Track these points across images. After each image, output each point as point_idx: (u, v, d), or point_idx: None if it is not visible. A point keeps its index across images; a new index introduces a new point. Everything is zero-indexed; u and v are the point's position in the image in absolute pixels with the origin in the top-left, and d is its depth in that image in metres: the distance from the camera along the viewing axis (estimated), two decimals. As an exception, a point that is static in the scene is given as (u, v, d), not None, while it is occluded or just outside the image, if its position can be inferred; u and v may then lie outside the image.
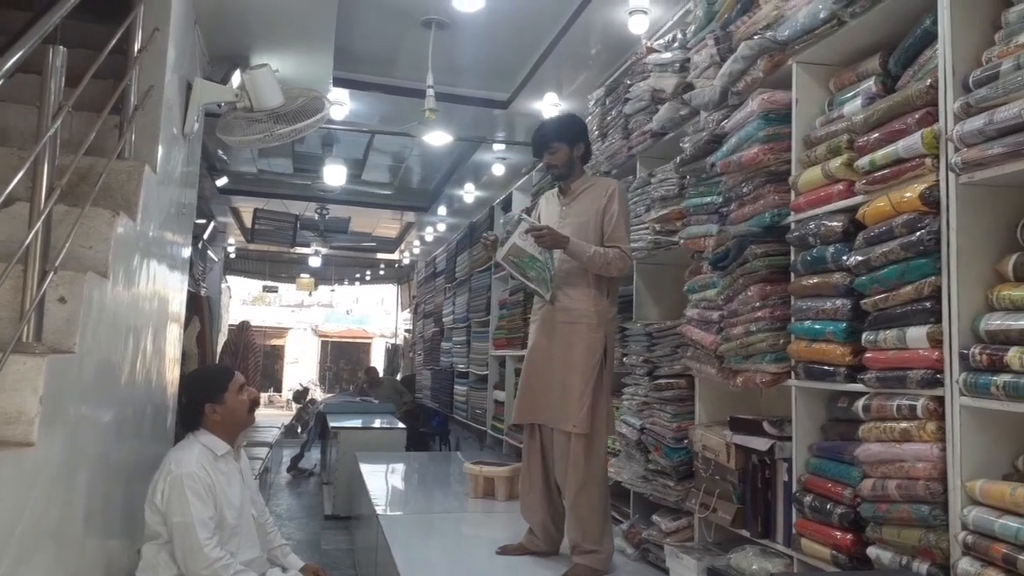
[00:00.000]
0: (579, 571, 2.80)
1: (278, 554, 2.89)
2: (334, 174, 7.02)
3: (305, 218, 9.67)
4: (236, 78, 3.70)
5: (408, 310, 14.07)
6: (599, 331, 2.93)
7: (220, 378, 2.74)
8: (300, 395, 13.75)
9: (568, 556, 2.95)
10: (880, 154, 1.97)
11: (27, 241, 1.89)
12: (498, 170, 6.74)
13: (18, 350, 1.83)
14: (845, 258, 2.06)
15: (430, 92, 4.24)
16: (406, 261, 13.76)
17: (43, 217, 1.94)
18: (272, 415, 14.83)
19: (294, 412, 12.41)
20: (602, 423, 2.92)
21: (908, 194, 1.87)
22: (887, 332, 1.92)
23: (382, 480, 5.17)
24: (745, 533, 2.51)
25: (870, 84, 2.14)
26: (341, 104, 5.12)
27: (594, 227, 2.99)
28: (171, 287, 3.36)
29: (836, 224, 2.12)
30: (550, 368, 2.97)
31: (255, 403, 2.82)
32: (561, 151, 3.07)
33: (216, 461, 2.61)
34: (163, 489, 2.48)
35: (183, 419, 2.75)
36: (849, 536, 2.01)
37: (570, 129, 3.12)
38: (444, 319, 8.44)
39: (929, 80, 1.86)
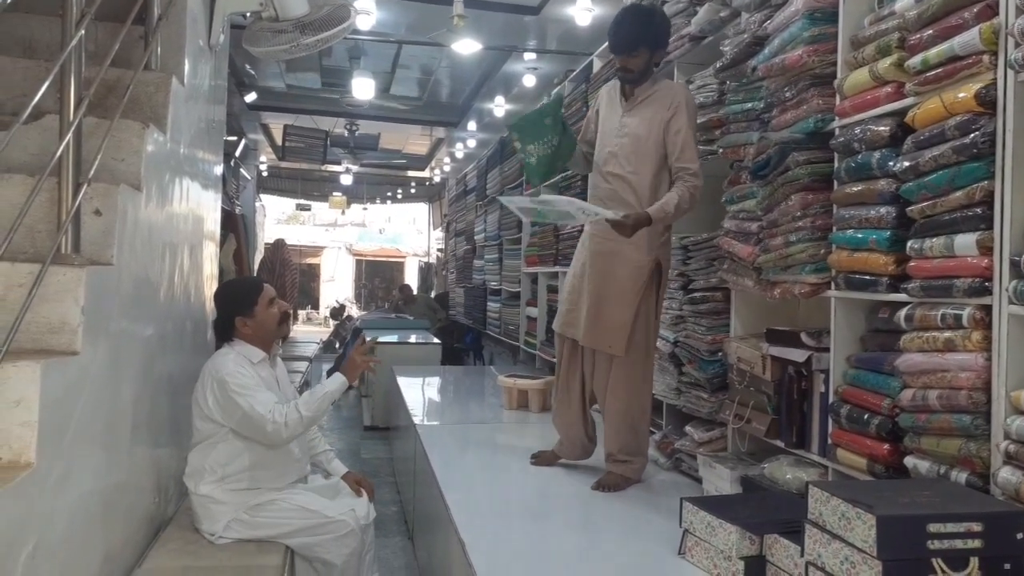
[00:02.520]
0: (611, 479, 2.84)
1: (322, 460, 2.98)
2: (362, 87, 6.92)
3: (335, 135, 9.62)
4: (261, -14, 3.60)
5: (440, 228, 14.08)
6: (648, 255, 2.79)
7: (250, 291, 2.77)
8: (337, 312, 14.02)
9: (598, 463, 3.00)
10: (933, 52, 1.86)
11: (59, 153, 1.89)
12: (529, 81, 6.59)
13: (58, 261, 1.86)
14: (892, 164, 1.98)
15: (458, -2, 4.11)
16: (436, 179, 13.69)
17: (73, 128, 1.94)
18: (311, 331, 15.15)
19: (331, 328, 12.65)
20: (642, 346, 2.84)
21: (963, 94, 1.77)
22: (934, 240, 1.86)
23: (419, 393, 5.27)
24: (779, 443, 2.52)
25: (926, -23, 2.01)
26: (368, 13, 4.99)
27: (655, 141, 2.77)
28: (204, 204, 3.38)
29: (883, 128, 2.03)
30: (584, 291, 2.89)
31: (286, 315, 2.85)
32: (642, 56, 2.78)
33: (253, 366, 2.66)
34: (211, 398, 2.55)
35: (217, 332, 2.80)
36: (886, 446, 2.00)
37: (659, 32, 2.84)
38: (476, 237, 8.43)
39: (991, -30, 1.74)
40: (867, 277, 2.09)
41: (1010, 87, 1.68)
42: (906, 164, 1.92)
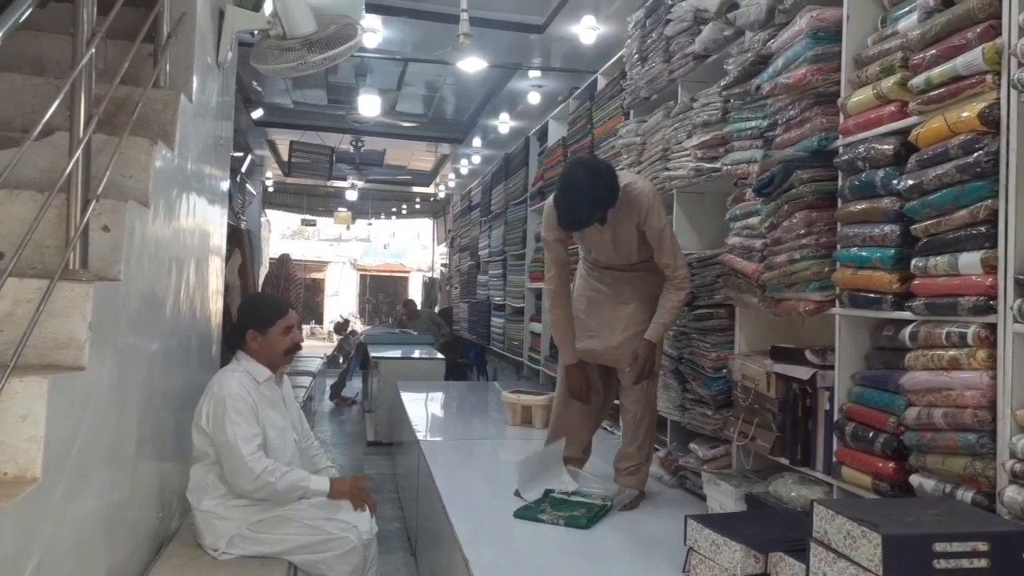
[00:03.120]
0: (634, 498, 2.88)
1: (324, 475, 2.97)
2: (368, 104, 6.97)
3: (340, 151, 9.66)
4: (268, 5, 3.64)
5: (444, 244, 14.10)
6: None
7: (273, 311, 2.78)
8: (341, 327, 14.01)
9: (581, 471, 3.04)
10: (937, 72, 1.87)
11: (68, 170, 1.91)
12: (534, 98, 6.61)
13: (66, 277, 1.88)
14: (896, 182, 1.99)
15: (464, 16, 4.13)
16: (441, 195, 13.72)
17: (83, 145, 1.96)
18: (315, 346, 15.13)
19: (335, 343, 12.65)
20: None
21: (966, 113, 1.78)
22: (938, 258, 1.86)
23: (422, 408, 5.27)
24: (784, 461, 2.51)
25: (928, -3, 2.02)
26: (374, 31, 5.04)
27: (633, 244, 2.84)
28: (211, 219, 3.39)
29: (887, 147, 2.04)
30: (616, 318, 2.92)
31: (295, 347, 2.85)
32: (603, 214, 2.72)
33: (258, 386, 2.67)
34: (208, 411, 2.55)
35: (229, 337, 2.81)
36: (891, 464, 1.99)
37: (609, 193, 2.68)
38: (480, 252, 8.44)
39: (993, -10, 1.75)
40: (871, 295, 2.09)
41: (1013, 107, 1.68)
42: (910, 183, 1.92)
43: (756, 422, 2.63)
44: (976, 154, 1.75)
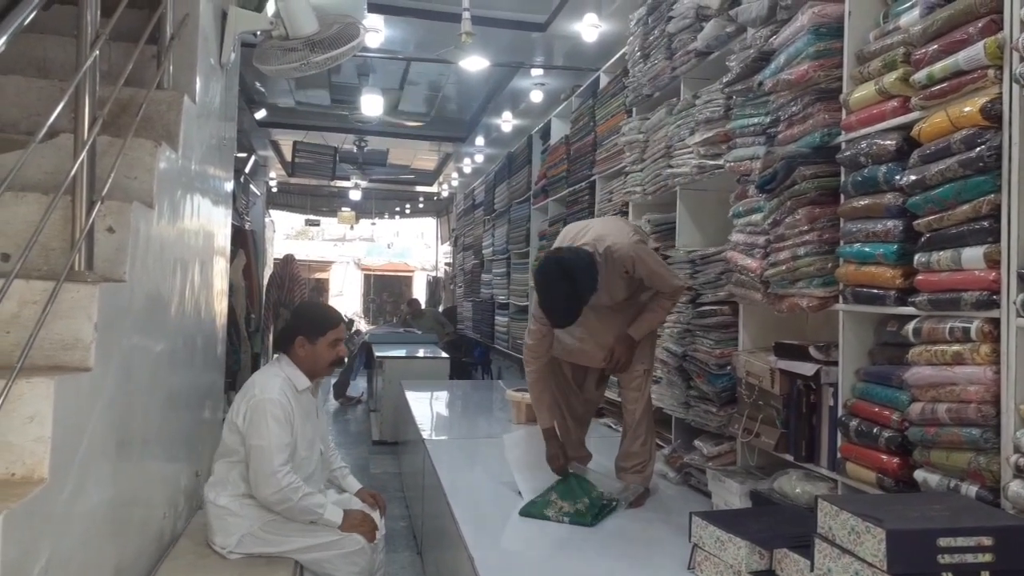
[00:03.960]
0: (641, 495, 2.88)
1: (337, 475, 3.00)
2: (371, 104, 6.98)
3: (344, 151, 9.68)
4: (271, 6, 3.65)
5: (448, 243, 14.11)
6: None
7: (325, 322, 2.79)
8: (346, 326, 14.03)
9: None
10: (939, 67, 1.87)
11: (73, 171, 1.92)
12: (536, 96, 6.62)
13: (71, 279, 1.88)
14: (898, 178, 1.99)
15: (466, 15, 4.14)
16: (444, 194, 13.74)
17: (87, 147, 1.97)
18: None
19: (340, 343, 12.66)
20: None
21: (968, 108, 1.78)
22: (941, 253, 1.86)
23: (427, 407, 5.27)
24: (788, 457, 2.51)
25: (930, -8, 2.02)
26: (376, 31, 5.04)
27: (627, 286, 2.83)
28: (215, 220, 3.41)
29: (889, 142, 2.04)
30: (612, 315, 2.91)
31: (340, 361, 2.87)
32: (585, 304, 2.67)
33: (297, 395, 2.67)
34: (245, 411, 2.56)
35: (276, 339, 2.82)
36: (895, 460, 2.00)
37: (587, 286, 2.62)
38: (484, 251, 8.45)
39: (995, -15, 1.75)
40: (875, 290, 2.09)
41: (1015, 101, 1.68)
42: (912, 178, 1.92)
43: (760, 418, 2.63)
44: (978, 149, 1.75)
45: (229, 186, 3.86)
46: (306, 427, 2.68)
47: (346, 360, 10.41)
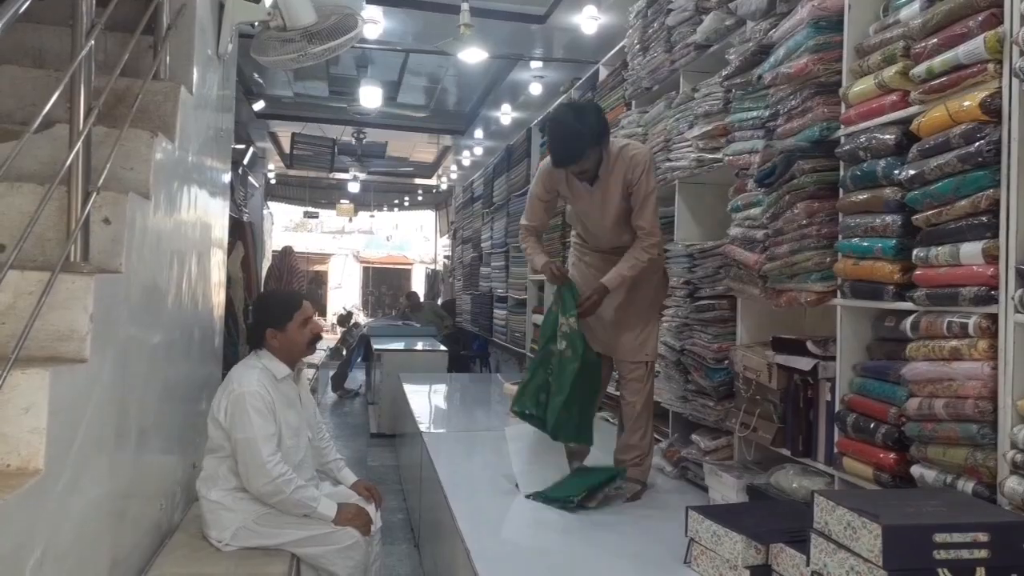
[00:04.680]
0: (638, 490, 2.89)
1: (332, 468, 2.99)
2: (370, 96, 6.96)
3: (342, 143, 9.66)
4: (269, -4, 3.63)
5: (447, 236, 14.09)
6: (660, 262, 2.99)
7: (287, 307, 2.77)
8: (344, 319, 14.04)
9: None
10: (938, 60, 1.87)
11: (68, 162, 1.91)
12: (535, 89, 6.60)
13: (67, 269, 1.88)
14: (897, 172, 1.98)
15: (464, 7, 4.13)
16: (443, 186, 13.72)
17: (83, 137, 1.96)
18: (317, 338, 15.12)
19: (338, 335, 12.67)
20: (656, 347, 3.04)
21: (967, 103, 1.77)
22: (939, 248, 1.85)
23: (425, 400, 5.28)
24: (785, 452, 2.51)
25: (930, -15, 2.01)
26: (375, 22, 5.02)
27: (619, 206, 2.84)
28: (213, 212, 3.39)
29: (888, 137, 2.03)
30: (614, 305, 2.93)
31: (317, 338, 2.85)
32: (592, 156, 2.74)
33: (277, 383, 2.67)
34: (226, 406, 2.55)
35: (248, 336, 2.81)
36: (892, 455, 1.99)
37: (598, 128, 2.73)
38: (483, 244, 8.44)
39: (995, -22, 1.74)
40: (873, 285, 2.09)
41: (1015, 96, 1.68)
42: (911, 172, 1.91)
43: (758, 413, 2.63)
44: (978, 143, 1.74)
45: (227, 177, 3.85)
46: (289, 415, 2.68)
47: (345, 353, 10.44)
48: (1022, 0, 1.66)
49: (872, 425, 2.06)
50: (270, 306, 2.87)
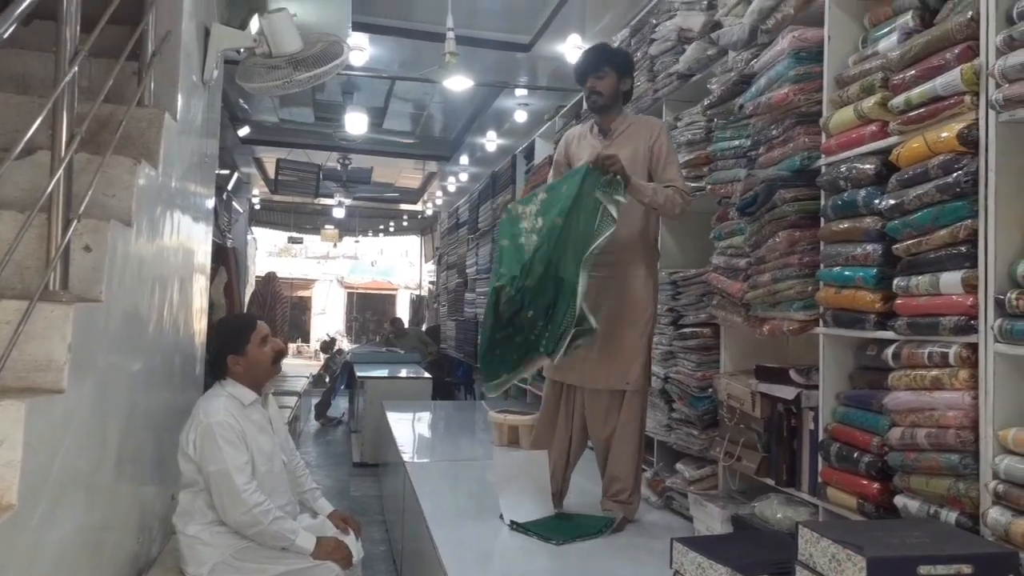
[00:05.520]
0: (622, 524, 2.80)
1: (308, 498, 2.93)
2: (355, 122, 6.97)
3: (328, 169, 9.67)
4: (254, 23, 3.65)
5: (432, 261, 14.09)
6: (652, 279, 2.87)
7: (242, 330, 2.72)
8: (328, 345, 13.93)
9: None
10: (916, 92, 1.90)
11: (49, 189, 1.90)
12: (520, 116, 6.64)
13: (45, 298, 1.85)
14: (877, 202, 2.00)
15: (450, 35, 4.16)
16: (429, 212, 13.74)
17: (64, 165, 1.95)
18: (301, 365, 15.05)
19: (322, 362, 12.58)
20: (647, 378, 2.90)
21: (945, 134, 1.80)
22: (919, 278, 1.87)
23: (409, 428, 5.23)
24: (770, 482, 2.51)
25: (907, 19, 2.05)
26: (361, 49, 5.05)
27: (641, 167, 2.81)
28: (196, 238, 3.37)
29: (868, 167, 2.06)
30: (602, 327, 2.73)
31: (280, 354, 2.80)
32: (608, 78, 2.88)
33: (244, 409, 2.63)
34: (195, 439, 2.50)
35: (211, 368, 2.76)
36: (876, 485, 1.99)
37: (622, 59, 2.99)
38: (468, 270, 8.43)
39: (970, 12, 1.77)
40: (855, 314, 2.10)
41: (991, 127, 1.70)
42: (891, 202, 1.93)
43: (742, 442, 2.63)
44: (956, 174, 1.76)
45: (210, 203, 3.83)
46: (260, 440, 2.63)
47: (328, 380, 10.36)
48: (998, 33, 1.69)
49: (855, 455, 2.06)
50: (225, 332, 2.82)
